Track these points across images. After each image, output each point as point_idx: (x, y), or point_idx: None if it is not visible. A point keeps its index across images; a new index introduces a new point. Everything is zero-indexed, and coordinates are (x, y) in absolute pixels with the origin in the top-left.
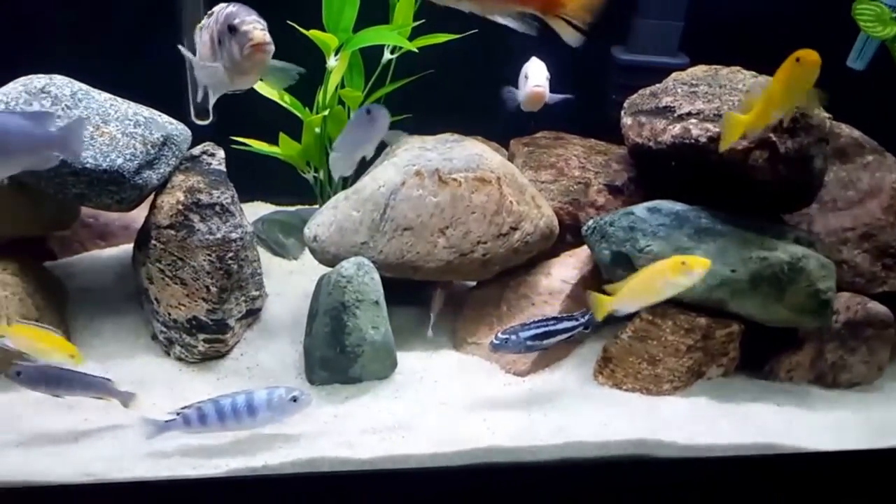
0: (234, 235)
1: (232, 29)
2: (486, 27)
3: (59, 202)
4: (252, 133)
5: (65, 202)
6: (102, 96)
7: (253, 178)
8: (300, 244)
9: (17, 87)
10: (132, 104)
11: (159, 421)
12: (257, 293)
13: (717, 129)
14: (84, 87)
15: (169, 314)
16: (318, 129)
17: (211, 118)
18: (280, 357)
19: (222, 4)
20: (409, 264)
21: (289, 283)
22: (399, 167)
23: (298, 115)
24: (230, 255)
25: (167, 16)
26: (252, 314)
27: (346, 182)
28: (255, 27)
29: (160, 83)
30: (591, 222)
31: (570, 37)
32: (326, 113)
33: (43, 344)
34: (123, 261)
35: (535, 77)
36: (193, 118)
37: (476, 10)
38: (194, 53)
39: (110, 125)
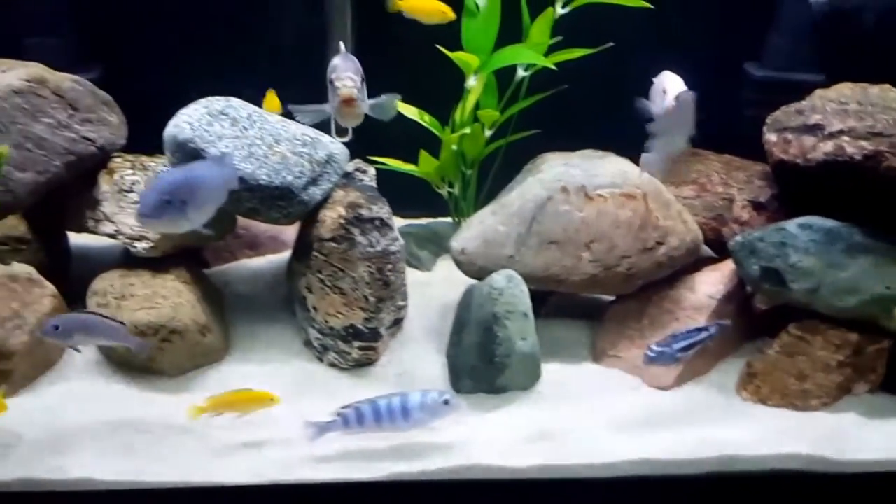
0: (392, 248)
1: (331, 81)
2: (621, 41)
3: (221, 214)
4: (380, 148)
5: (225, 214)
6: (273, 117)
7: (383, 191)
8: (433, 257)
9: (199, 108)
10: (300, 125)
11: (321, 422)
12: (403, 303)
13: (872, 147)
14: (258, 109)
15: (326, 322)
16: (454, 147)
17: (350, 136)
18: (424, 365)
19: (340, 51)
20: (553, 277)
21: (424, 294)
22: (545, 183)
23: (437, 133)
24: (389, 266)
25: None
26: (397, 323)
27: (478, 198)
28: (346, 84)
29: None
30: (738, 238)
31: None
32: (467, 131)
33: (244, 401)
34: (273, 269)
35: (674, 90)
36: (334, 135)
37: None
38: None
39: (281, 145)
